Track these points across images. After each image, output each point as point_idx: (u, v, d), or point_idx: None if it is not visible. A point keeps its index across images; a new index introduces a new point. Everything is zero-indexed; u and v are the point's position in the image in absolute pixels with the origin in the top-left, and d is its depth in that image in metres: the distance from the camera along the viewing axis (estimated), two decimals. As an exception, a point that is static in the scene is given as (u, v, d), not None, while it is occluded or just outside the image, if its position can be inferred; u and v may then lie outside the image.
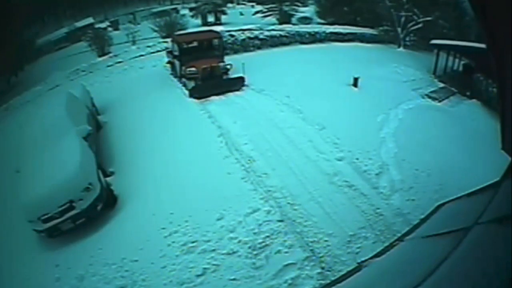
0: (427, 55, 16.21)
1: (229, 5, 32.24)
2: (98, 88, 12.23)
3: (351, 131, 8.70)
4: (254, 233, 5.70)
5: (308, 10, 27.50)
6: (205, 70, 11.00)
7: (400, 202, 6.61)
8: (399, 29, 18.81)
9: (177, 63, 12.07)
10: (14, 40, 17.79)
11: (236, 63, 11.59)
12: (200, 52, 11.94)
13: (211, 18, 28.34)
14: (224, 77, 11.49)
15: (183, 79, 11.69)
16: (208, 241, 5.61)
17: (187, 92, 11.13)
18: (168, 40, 17.94)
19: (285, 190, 6.66)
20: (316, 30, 18.52)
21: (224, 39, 15.77)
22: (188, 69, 11.10)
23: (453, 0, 18.79)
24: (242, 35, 15.88)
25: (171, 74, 13.10)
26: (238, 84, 11.23)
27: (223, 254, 5.39)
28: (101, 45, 18.83)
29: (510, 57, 2.30)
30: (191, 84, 11.05)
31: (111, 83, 13.33)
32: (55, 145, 6.54)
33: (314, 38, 17.74)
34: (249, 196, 6.49)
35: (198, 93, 10.66)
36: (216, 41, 12.51)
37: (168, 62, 13.46)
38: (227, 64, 11.55)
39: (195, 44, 12.41)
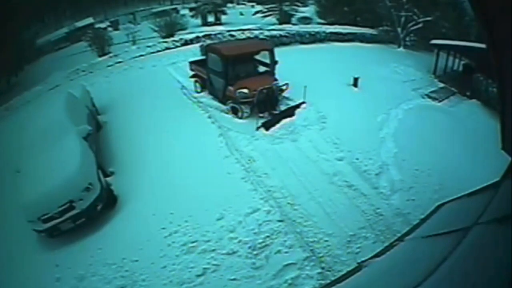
0: (427, 55, 16.23)
1: (229, 5, 32.31)
2: (98, 88, 12.23)
3: (351, 131, 8.70)
4: (254, 233, 5.69)
5: (308, 10, 27.56)
6: (262, 92, 9.00)
7: (400, 202, 6.61)
8: (399, 29, 18.83)
9: (218, 81, 9.69)
10: (14, 40, 17.78)
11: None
12: (249, 68, 9.81)
13: (211, 18, 28.37)
14: (281, 98, 9.63)
15: (231, 103, 9.39)
16: (208, 241, 5.61)
17: (239, 120, 9.12)
18: (168, 40, 18.03)
19: (285, 190, 6.66)
20: (316, 30, 18.57)
21: (224, 39, 15.78)
22: (240, 90, 9.02)
23: (453, 0, 18.81)
24: (242, 35, 15.88)
25: (200, 91, 10.90)
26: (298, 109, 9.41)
27: (223, 254, 5.39)
28: (101, 45, 18.82)
29: (510, 57, 2.30)
30: (246, 109, 9.06)
31: (111, 83, 13.33)
32: (55, 145, 6.53)
33: (314, 38, 17.77)
34: (249, 196, 6.49)
35: (269, 125, 8.72)
36: (265, 54, 9.82)
37: (194, 76, 11.11)
38: (284, 84, 9.59)
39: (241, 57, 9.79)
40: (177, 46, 17.12)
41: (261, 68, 10.14)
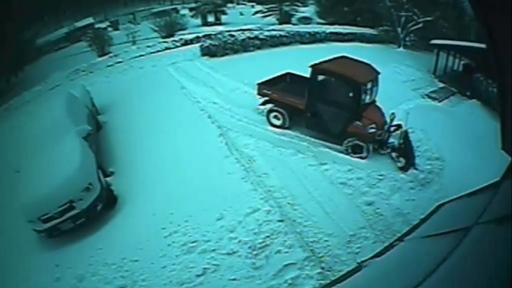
0: (427, 55, 16.21)
1: (229, 5, 32.19)
2: (98, 88, 12.22)
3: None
4: (254, 233, 5.70)
5: (308, 10, 27.50)
6: (385, 125, 7.71)
7: (400, 202, 6.61)
8: (399, 29, 18.80)
9: (336, 114, 7.73)
10: (14, 40, 17.78)
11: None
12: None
13: (211, 18, 28.35)
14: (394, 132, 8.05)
15: (353, 141, 7.54)
16: (208, 241, 5.61)
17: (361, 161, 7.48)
18: (168, 40, 18.00)
19: (285, 190, 6.66)
20: (316, 30, 18.53)
21: (224, 39, 15.78)
22: (370, 126, 7.43)
23: (453, 0, 18.81)
24: (242, 35, 15.86)
25: (282, 125, 8.52)
26: None
27: (223, 254, 5.39)
28: (101, 45, 18.80)
29: (510, 57, 2.30)
30: (370, 148, 7.56)
31: (111, 83, 13.33)
32: (55, 145, 6.54)
33: (314, 38, 17.73)
34: (249, 196, 6.49)
35: (412, 163, 7.53)
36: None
37: (269, 103, 8.59)
38: (391, 114, 7.88)
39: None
40: (177, 46, 17.12)
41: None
